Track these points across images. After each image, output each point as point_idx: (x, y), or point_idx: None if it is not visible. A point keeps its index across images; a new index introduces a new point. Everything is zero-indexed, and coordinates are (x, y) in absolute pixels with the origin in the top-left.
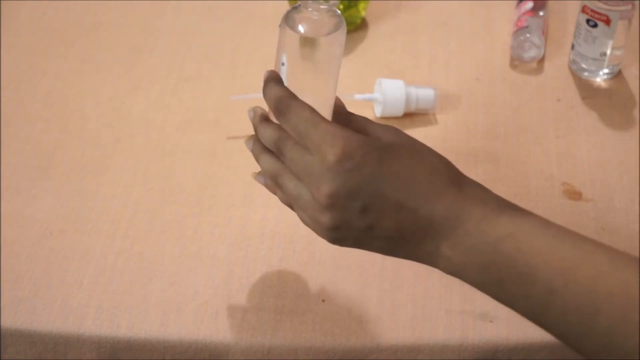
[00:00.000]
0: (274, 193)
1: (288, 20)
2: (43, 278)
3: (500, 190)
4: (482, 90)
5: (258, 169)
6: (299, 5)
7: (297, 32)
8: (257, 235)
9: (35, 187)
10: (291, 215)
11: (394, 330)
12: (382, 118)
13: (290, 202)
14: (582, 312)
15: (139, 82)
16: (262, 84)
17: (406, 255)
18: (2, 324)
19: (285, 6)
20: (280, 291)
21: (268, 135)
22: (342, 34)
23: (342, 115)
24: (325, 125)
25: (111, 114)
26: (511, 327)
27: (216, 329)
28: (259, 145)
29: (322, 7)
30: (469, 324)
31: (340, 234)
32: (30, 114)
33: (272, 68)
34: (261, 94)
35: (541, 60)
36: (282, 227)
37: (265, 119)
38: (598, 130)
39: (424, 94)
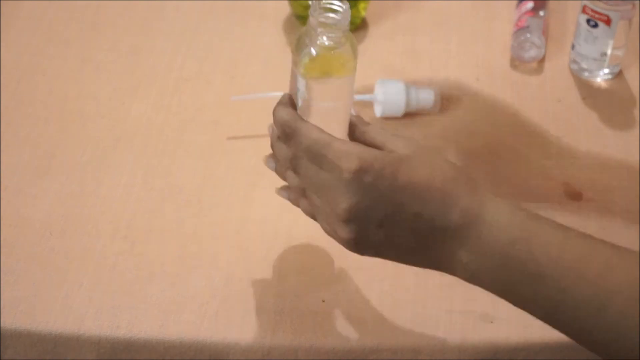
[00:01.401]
0: (297, 206)
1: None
2: (43, 278)
3: (500, 190)
4: (482, 90)
5: (258, 169)
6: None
7: None
8: (257, 235)
9: (35, 187)
10: (291, 216)
11: (394, 330)
12: (382, 118)
13: (314, 214)
14: (591, 306)
15: (139, 82)
16: (262, 85)
17: (426, 264)
18: (2, 324)
19: (286, 6)
20: (280, 291)
21: (283, 154)
22: (354, 54)
23: (358, 126)
24: (337, 144)
25: (111, 114)
26: (511, 327)
27: (216, 329)
28: (280, 163)
29: (331, 36)
30: (470, 325)
31: (360, 245)
32: (30, 114)
33: (273, 70)
34: (262, 94)
35: (541, 60)
36: (282, 227)
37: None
38: (598, 130)
39: (424, 94)
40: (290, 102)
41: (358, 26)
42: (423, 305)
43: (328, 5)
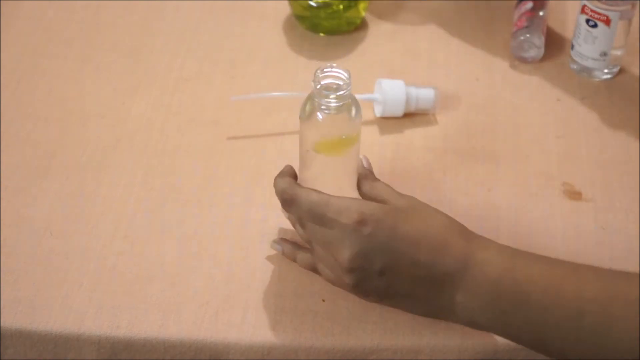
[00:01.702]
0: (293, 260)
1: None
2: (43, 278)
3: (500, 190)
4: (482, 90)
5: (258, 169)
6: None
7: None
8: (257, 235)
9: (35, 187)
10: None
11: (394, 330)
12: (382, 118)
13: (314, 266)
14: (570, 319)
15: (139, 82)
16: (262, 85)
17: (428, 310)
18: (2, 324)
19: (286, 6)
20: (280, 291)
21: (291, 218)
22: (358, 115)
23: (368, 180)
24: (336, 201)
25: (111, 114)
26: None
27: (216, 329)
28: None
29: (335, 104)
30: None
31: (363, 291)
32: (30, 114)
33: (273, 70)
34: (262, 94)
35: (541, 60)
36: (282, 227)
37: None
38: (598, 130)
39: (424, 94)
40: (289, 172)
41: (358, 26)
42: None
43: (331, 73)
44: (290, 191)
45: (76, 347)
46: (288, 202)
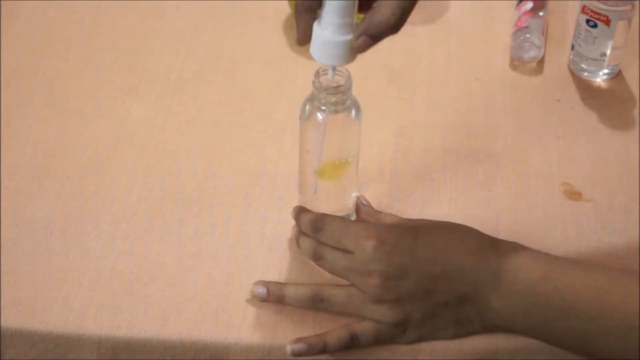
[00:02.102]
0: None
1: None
2: (43, 278)
3: (500, 190)
4: (482, 91)
5: (258, 169)
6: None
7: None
8: (257, 235)
9: (35, 187)
10: (290, 216)
11: None
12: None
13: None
14: (618, 332)
15: (139, 82)
16: (262, 84)
17: (465, 322)
18: (2, 324)
19: (286, 6)
20: None
21: (306, 246)
22: (358, 117)
23: (371, 215)
24: (355, 225)
25: (111, 114)
26: None
27: (216, 329)
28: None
29: (335, 105)
30: None
31: (403, 316)
32: (30, 114)
33: (273, 70)
34: None
35: (541, 61)
36: (282, 227)
37: (302, 232)
38: (598, 130)
39: None
40: (304, 207)
41: None
42: None
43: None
44: (321, 217)
45: (77, 347)
46: (319, 228)
